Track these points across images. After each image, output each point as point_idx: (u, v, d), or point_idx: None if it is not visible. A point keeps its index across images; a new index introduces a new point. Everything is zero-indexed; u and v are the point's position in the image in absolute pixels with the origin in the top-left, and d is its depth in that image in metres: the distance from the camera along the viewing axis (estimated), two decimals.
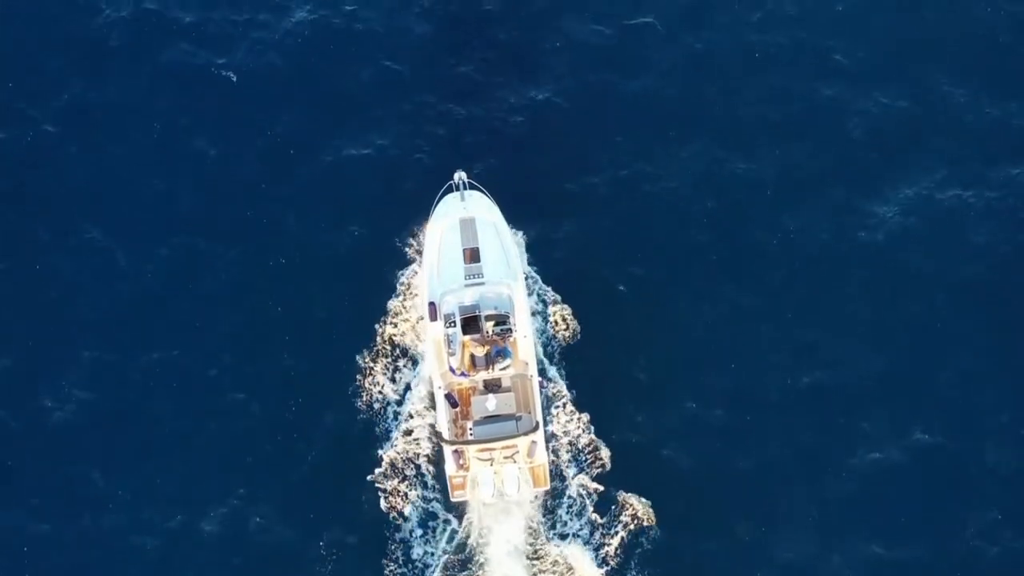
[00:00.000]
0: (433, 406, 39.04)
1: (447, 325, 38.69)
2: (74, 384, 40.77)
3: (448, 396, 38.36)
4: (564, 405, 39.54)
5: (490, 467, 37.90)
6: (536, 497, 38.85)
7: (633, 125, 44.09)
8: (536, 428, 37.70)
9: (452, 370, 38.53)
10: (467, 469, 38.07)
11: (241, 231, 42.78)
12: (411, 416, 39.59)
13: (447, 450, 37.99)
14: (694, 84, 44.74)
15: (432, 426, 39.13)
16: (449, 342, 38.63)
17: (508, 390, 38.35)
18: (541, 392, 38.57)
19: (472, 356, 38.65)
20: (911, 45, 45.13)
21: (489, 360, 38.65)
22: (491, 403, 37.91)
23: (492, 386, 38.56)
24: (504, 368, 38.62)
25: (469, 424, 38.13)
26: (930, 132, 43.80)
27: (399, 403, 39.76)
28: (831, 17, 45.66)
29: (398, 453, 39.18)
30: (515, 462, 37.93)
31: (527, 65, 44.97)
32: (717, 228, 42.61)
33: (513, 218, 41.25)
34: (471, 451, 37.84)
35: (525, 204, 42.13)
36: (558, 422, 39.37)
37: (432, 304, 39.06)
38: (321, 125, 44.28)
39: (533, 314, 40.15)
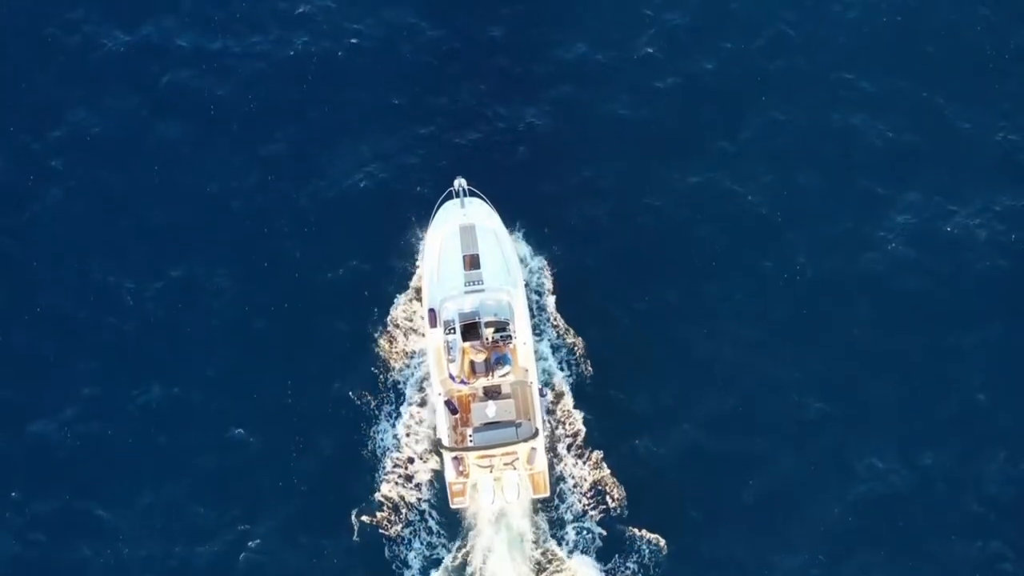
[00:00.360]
0: (438, 453, 38.83)
1: (447, 332, 38.68)
2: (73, 418, 40.60)
3: (448, 403, 38.27)
4: (573, 443, 39.48)
5: (490, 474, 37.69)
6: (536, 506, 38.78)
7: (636, 154, 44.25)
8: (536, 435, 37.54)
9: (452, 377, 38.45)
10: (467, 476, 37.86)
11: (241, 264, 42.84)
12: (411, 460, 39.35)
13: (447, 457, 37.80)
14: (696, 113, 44.99)
15: (436, 471, 39.09)
16: (449, 349, 38.59)
17: (508, 397, 38.24)
18: (541, 399, 38.42)
19: (472, 363, 38.60)
20: (914, 74, 45.45)
21: (489, 367, 38.58)
22: (491, 410, 37.79)
23: (492, 393, 38.44)
24: (504, 375, 38.57)
25: (469, 431, 37.97)
26: (934, 161, 43.98)
27: (398, 447, 39.56)
28: (835, 46, 46.05)
29: (400, 497, 39.00)
30: (515, 469, 37.73)
31: (529, 95, 45.25)
32: (721, 257, 42.73)
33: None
34: (471, 458, 37.67)
35: (528, 234, 42.38)
36: (568, 463, 39.39)
37: (432, 310, 39.11)
38: (321, 157, 44.40)
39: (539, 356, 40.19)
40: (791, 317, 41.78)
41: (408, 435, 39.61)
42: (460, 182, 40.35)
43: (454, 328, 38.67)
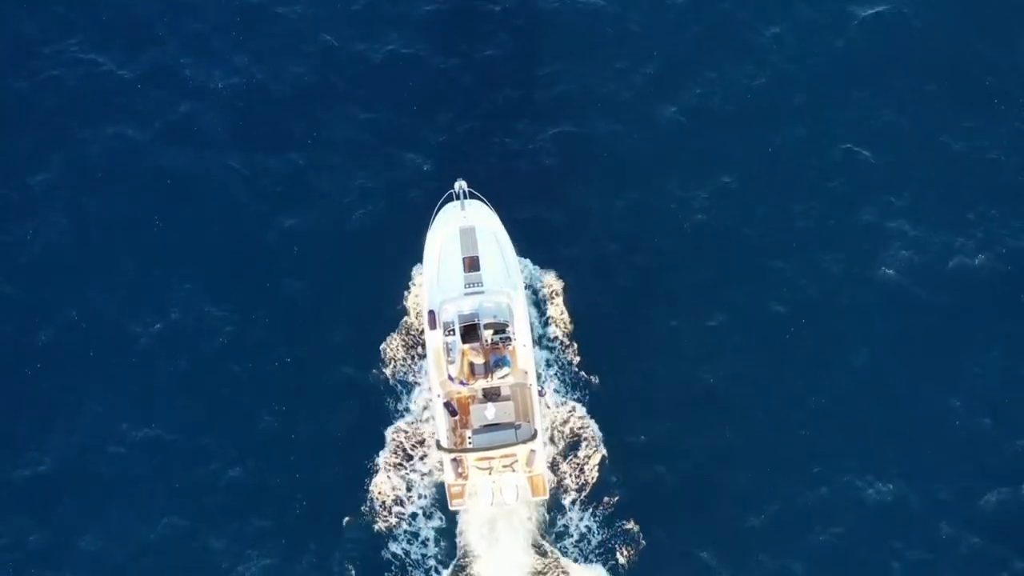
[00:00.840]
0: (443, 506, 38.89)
1: (446, 333, 38.59)
2: (72, 456, 40.54)
3: (447, 404, 38.14)
4: (581, 493, 39.45)
5: (489, 476, 37.48)
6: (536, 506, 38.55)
7: (639, 187, 44.31)
8: (535, 437, 37.40)
9: (451, 378, 38.30)
10: (466, 478, 37.70)
11: (240, 302, 42.73)
12: (414, 516, 39.12)
13: (446, 459, 37.61)
14: (699, 145, 45.07)
15: (440, 529, 39.03)
16: (448, 350, 38.48)
17: (507, 399, 38.11)
18: (540, 400, 38.31)
19: (471, 364, 38.47)
20: (916, 108, 45.61)
21: (488, 369, 38.43)
22: (490, 412, 37.65)
23: (491, 395, 38.30)
24: (503, 377, 38.41)
25: (468, 433, 37.81)
26: (936, 193, 44.13)
27: (404, 502, 39.40)
28: (836, 81, 46.14)
29: (405, 553, 38.85)
30: (514, 471, 37.53)
31: (531, 127, 45.30)
32: (724, 290, 42.77)
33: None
34: (470, 460, 37.51)
35: (530, 260, 42.43)
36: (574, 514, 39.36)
37: (431, 312, 39.04)
38: (321, 189, 44.30)
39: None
40: (794, 343, 41.86)
41: (410, 489, 39.32)
42: (460, 184, 40.40)
43: (453, 330, 38.54)
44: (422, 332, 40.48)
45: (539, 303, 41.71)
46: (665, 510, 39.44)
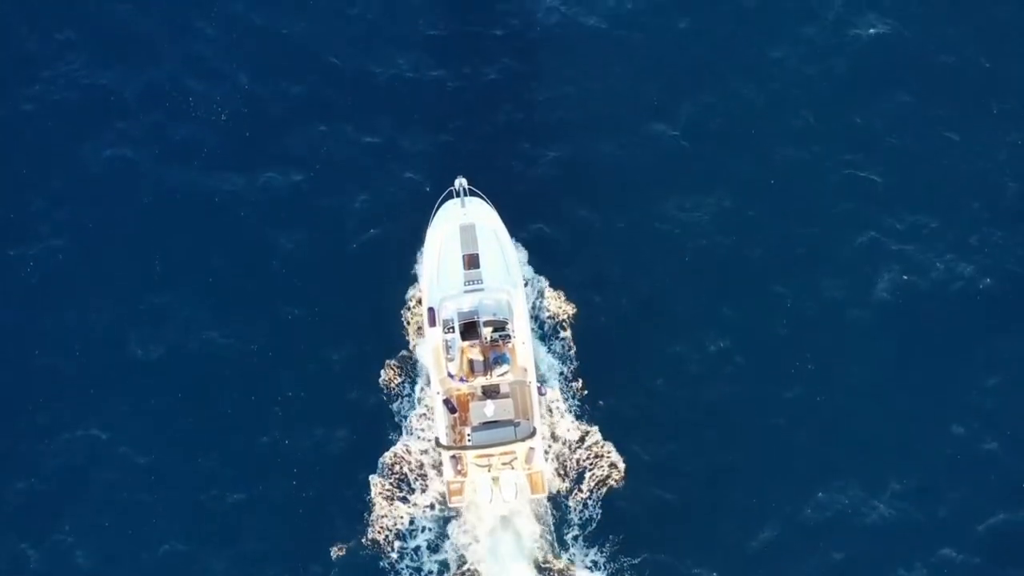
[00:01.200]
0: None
1: (446, 330, 38.44)
2: (73, 479, 40.40)
3: (447, 402, 37.93)
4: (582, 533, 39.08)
5: (488, 473, 37.13)
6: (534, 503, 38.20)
7: (639, 206, 44.26)
8: (534, 434, 37.12)
9: (451, 375, 38.05)
10: (465, 475, 37.40)
11: (242, 321, 42.60)
12: (417, 550, 38.74)
13: (445, 456, 37.28)
14: (698, 164, 45.05)
15: (444, 562, 38.69)
16: (448, 347, 38.27)
17: (506, 396, 37.91)
18: (540, 398, 38.10)
19: (471, 362, 38.30)
20: (915, 127, 45.70)
21: (487, 366, 38.20)
22: (489, 409, 37.43)
23: (491, 392, 38.08)
24: (503, 374, 38.21)
25: (467, 430, 37.54)
26: (935, 211, 44.17)
27: (404, 537, 38.99)
28: (837, 100, 46.14)
29: None
30: (513, 468, 37.21)
31: (534, 146, 45.36)
32: (722, 310, 42.70)
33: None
34: (469, 457, 37.20)
35: (546, 278, 42.41)
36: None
37: (431, 309, 38.89)
38: (322, 208, 44.32)
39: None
40: (798, 371, 41.63)
41: (412, 523, 38.90)
42: (461, 181, 40.41)
43: (453, 327, 38.33)
44: (422, 377, 40.41)
45: (545, 337, 41.39)
46: (668, 532, 39.13)
